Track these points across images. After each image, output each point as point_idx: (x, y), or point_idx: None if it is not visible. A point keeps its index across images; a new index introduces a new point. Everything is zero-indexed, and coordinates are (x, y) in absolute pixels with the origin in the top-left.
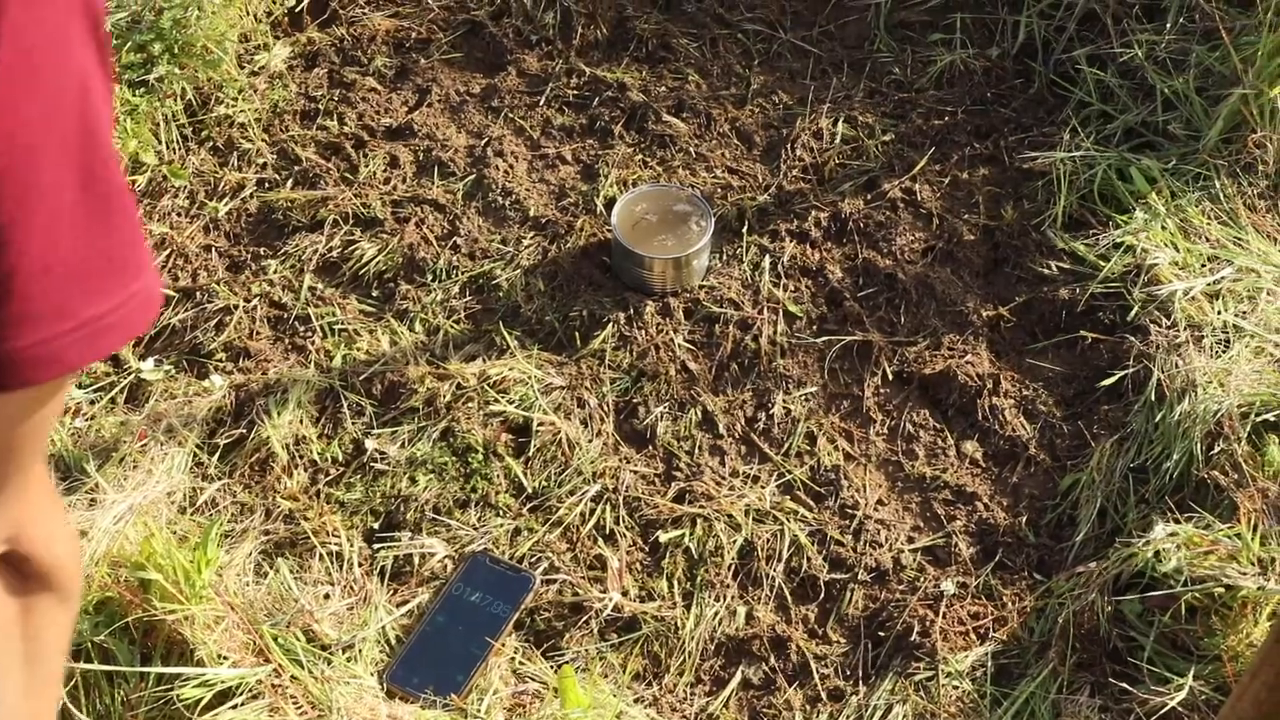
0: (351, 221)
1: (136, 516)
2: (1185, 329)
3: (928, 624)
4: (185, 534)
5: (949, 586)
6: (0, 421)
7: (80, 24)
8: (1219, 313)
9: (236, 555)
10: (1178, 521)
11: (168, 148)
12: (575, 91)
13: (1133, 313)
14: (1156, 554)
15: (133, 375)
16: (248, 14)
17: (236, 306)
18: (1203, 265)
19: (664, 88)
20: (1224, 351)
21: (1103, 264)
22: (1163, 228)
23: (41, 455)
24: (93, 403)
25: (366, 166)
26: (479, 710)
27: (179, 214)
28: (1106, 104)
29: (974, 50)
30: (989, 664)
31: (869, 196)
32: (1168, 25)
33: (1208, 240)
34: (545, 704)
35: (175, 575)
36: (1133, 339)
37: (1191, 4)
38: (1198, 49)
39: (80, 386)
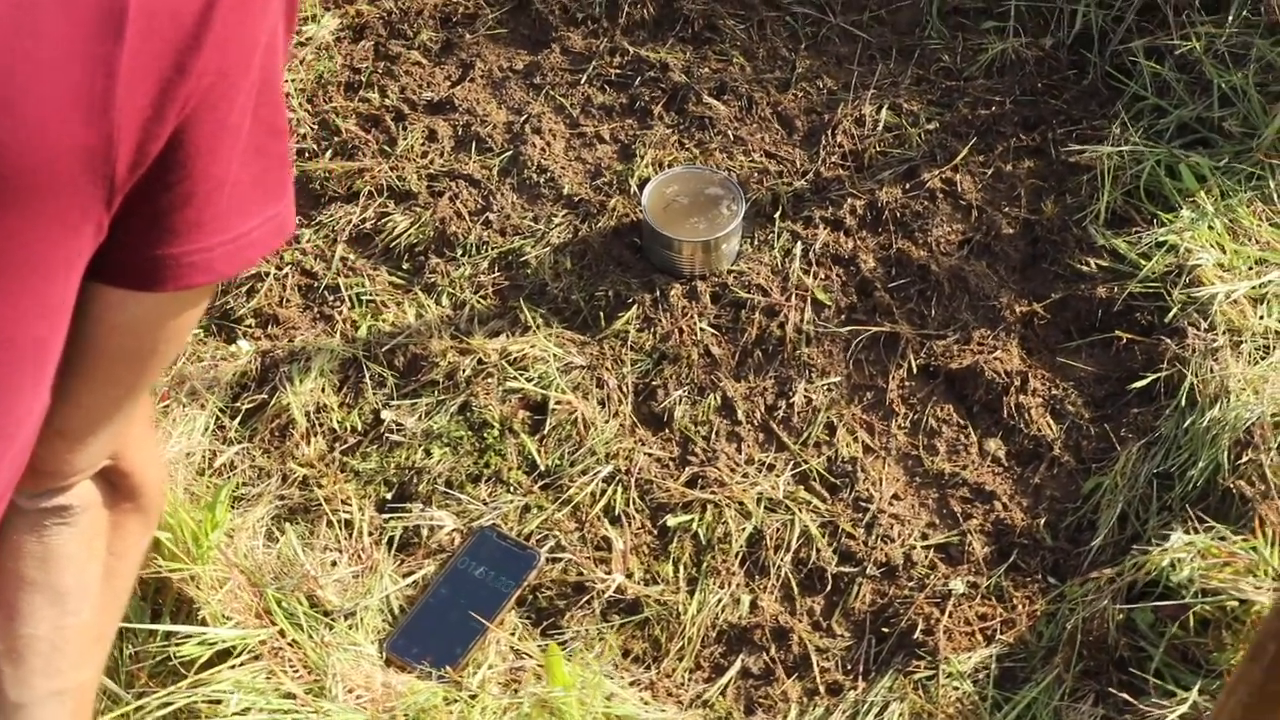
0: (386, 194)
1: None
2: (1224, 333)
3: (932, 622)
4: (200, 495)
5: (958, 585)
6: (150, 323)
7: None
8: (1261, 318)
9: (249, 518)
10: (1196, 531)
11: None
12: (618, 70)
13: (1171, 314)
14: (1172, 563)
15: None
16: None
17: (268, 274)
18: (1249, 268)
19: (707, 69)
20: (1263, 358)
21: (1143, 263)
22: (1210, 228)
23: (160, 376)
24: None
25: (405, 139)
26: (472, 684)
27: None
28: (1162, 98)
29: (1027, 39)
30: (993, 666)
31: (908, 186)
32: (1230, 18)
33: (1257, 242)
34: (538, 681)
35: (183, 535)
36: (1168, 341)
37: None
38: (1260, 43)
39: None
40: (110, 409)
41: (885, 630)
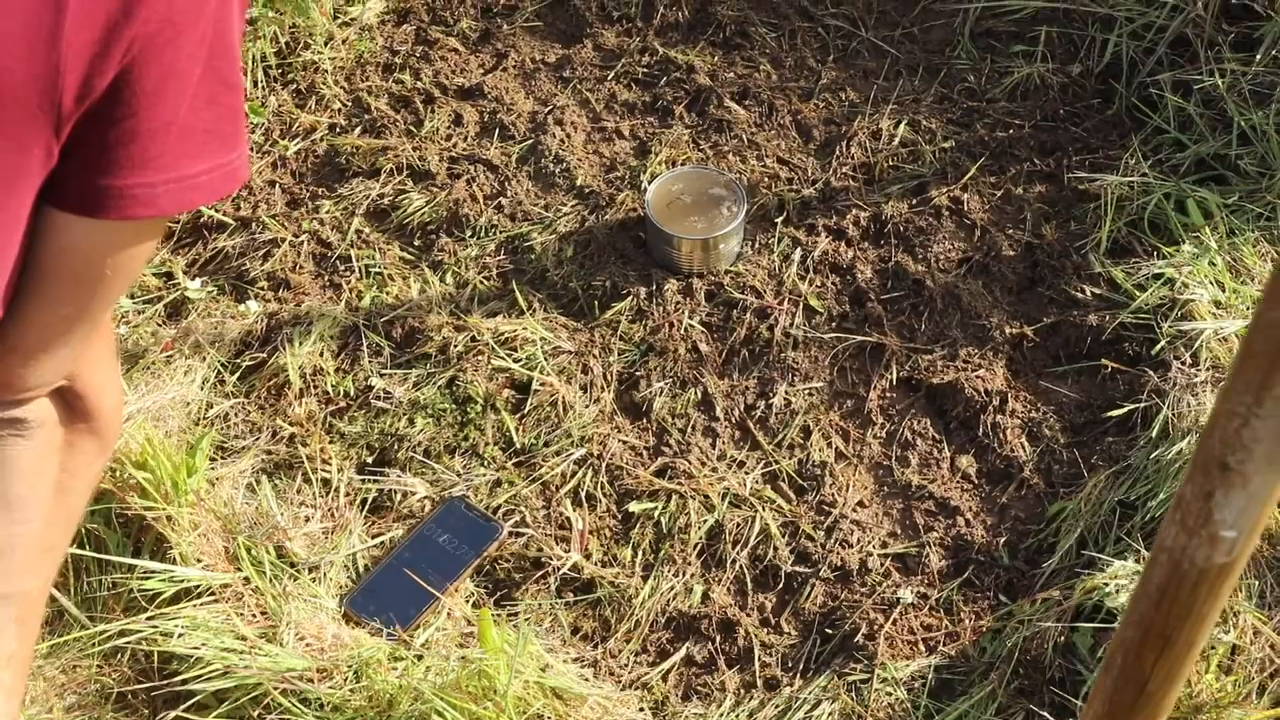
0: (406, 172)
1: (144, 419)
2: (1207, 369)
3: (875, 628)
4: (192, 442)
5: (907, 595)
6: (97, 248)
7: None
8: None
9: (233, 469)
10: (1142, 560)
11: (254, 86)
12: (645, 69)
13: (1158, 347)
14: (1115, 589)
15: (179, 292)
16: None
17: (285, 240)
18: (1247, 307)
19: (733, 74)
20: None
21: (1138, 294)
22: (1210, 264)
23: (114, 303)
24: (139, 312)
25: (431, 121)
26: (418, 644)
27: (252, 149)
28: (1184, 132)
29: (1054, 65)
30: (930, 677)
31: (915, 201)
32: (1258, 56)
33: (1258, 282)
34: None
35: (162, 477)
36: (1151, 374)
37: None
38: None
39: (130, 297)
40: (60, 328)
41: (829, 631)
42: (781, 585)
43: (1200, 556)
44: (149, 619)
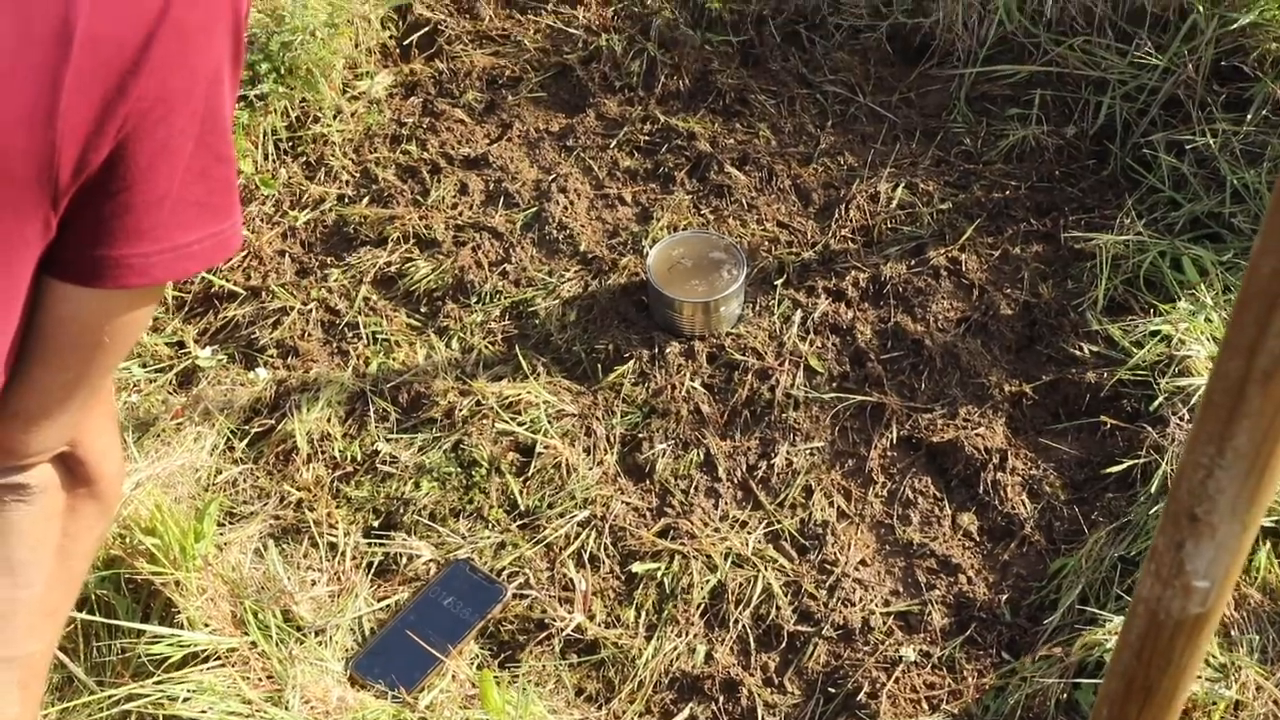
0: (413, 240)
1: (153, 485)
2: None
3: (878, 686)
4: (200, 508)
5: (909, 653)
6: (95, 315)
7: (225, 23)
8: None
9: (241, 534)
10: None
11: (265, 158)
12: (647, 137)
13: (1156, 403)
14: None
15: (190, 360)
16: (357, 45)
17: (293, 308)
18: None
19: (733, 140)
20: None
21: (1135, 350)
22: (1207, 320)
23: (113, 369)
24: (151, 380)
25: (437, 191)
26: (421, 707)
27: (262, 220)
28: (1178, 191)
29: (1049, 128)
30: None
31: (913, 262)
32: (1249, 116)
33: None
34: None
35: (170, 543)
36: (1150, 430)
37: (1277, 97)
38: (1276, 142)
39: (142, 365)
40: (61, 395)
41: (832, 690)
42: (784, 644)
43: (1175, 607)
44: (156, 684)
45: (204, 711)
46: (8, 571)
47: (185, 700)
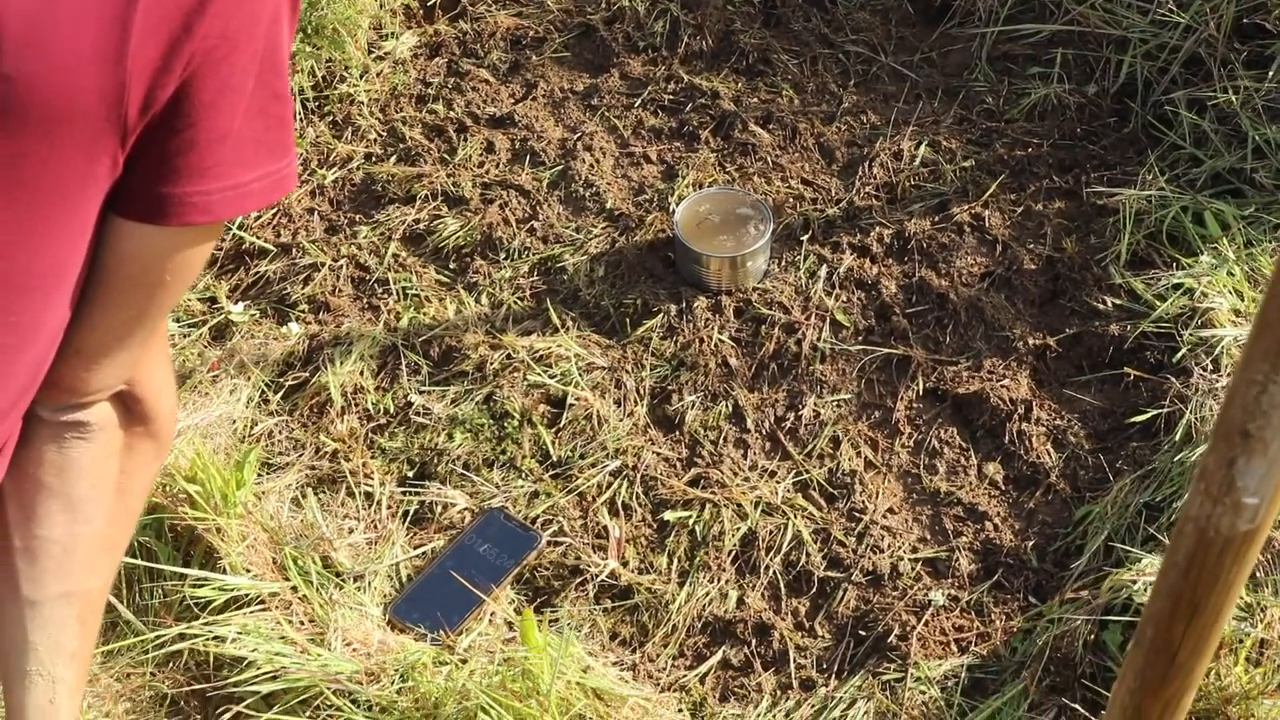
0: (441, 198)
1: (194, 435)
2: (1229, 374)
3: (909, 629)
4: (239, 458)
5: (938, 597)
6: (157, 253)
7: None
8: None
9: (279, 483)
10: None
11: (293, 118)
12: (671, 96)
13: (1179, 355)
14: (1144, 585)
15: (223, 316)
16: (382, 5)
17: (324, 264)
18: None
19: (756, 99)
20: None
21: (1158, 303)
22: (1229, 274)
23: (171, 308)
24: (185, 335)
25: (464, 149)
26: (461, 649)
27: None
28: (1199, 148)
29: (1071, 86)
30: (963, 676)
31: (937, 219)
32: (1271, 73)
33: None
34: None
35: (212, 490)
36: (1174, 380)
37: None
38: None
39: (176, 320)
40: (122, 332)
41: (862, 633)
42: (815, 590)
43: (1225, 524)
44: (204, 625)
45: (253, 650)
46: (68, 508)
47: (232, 641)
